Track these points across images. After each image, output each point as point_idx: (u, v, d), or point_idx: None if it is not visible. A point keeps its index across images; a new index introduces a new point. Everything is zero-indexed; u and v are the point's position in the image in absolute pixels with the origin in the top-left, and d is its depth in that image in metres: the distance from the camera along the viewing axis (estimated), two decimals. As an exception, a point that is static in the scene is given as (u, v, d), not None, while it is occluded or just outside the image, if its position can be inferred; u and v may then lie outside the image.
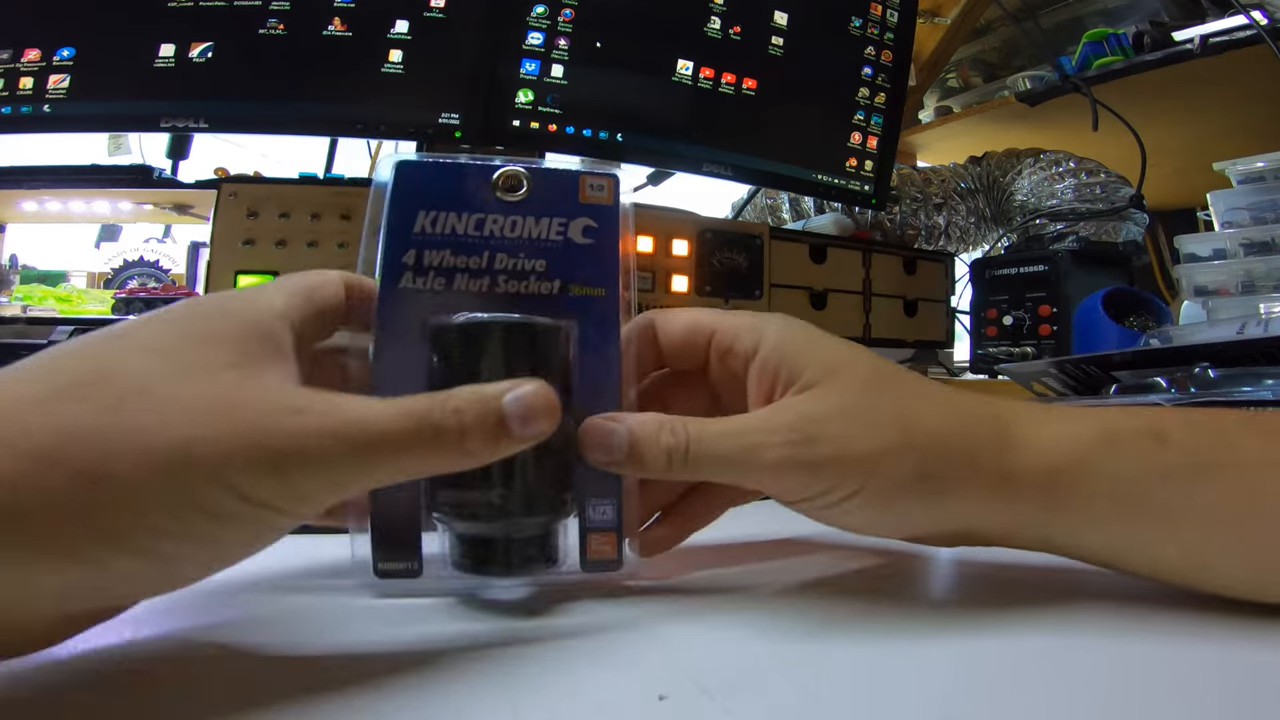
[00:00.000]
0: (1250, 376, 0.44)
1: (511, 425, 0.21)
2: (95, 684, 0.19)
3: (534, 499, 0.25)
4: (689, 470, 0.24)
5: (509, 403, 0.21)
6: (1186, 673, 0.21)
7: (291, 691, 0.19)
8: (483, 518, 0.24)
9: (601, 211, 0.26)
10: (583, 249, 0.25)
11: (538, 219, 0.25)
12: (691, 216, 0.77)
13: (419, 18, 0.68)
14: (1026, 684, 0.20)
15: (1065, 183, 0.93)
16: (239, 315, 0.21)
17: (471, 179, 0.25)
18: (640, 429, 0.25)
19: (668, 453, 0.24)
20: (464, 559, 0.25)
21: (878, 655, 0.22)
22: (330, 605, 0.25)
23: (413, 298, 0.24)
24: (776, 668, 0.21)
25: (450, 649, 0.22)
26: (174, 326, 0.20)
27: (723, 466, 0.25)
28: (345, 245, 0.65)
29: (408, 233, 0.24)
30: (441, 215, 0.24)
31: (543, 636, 0.23)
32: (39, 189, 0.69)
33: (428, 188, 0.25)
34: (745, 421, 0.25)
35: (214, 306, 0.21)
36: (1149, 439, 0.25)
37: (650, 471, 0.25)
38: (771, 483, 0.25)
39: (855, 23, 0.87)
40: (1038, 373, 0.57)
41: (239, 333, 0.20)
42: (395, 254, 0.24)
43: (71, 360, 0.18)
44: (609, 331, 0.26)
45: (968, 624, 0.25)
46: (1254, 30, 0.82)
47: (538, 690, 0.19)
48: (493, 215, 0.25)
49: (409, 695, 0.19)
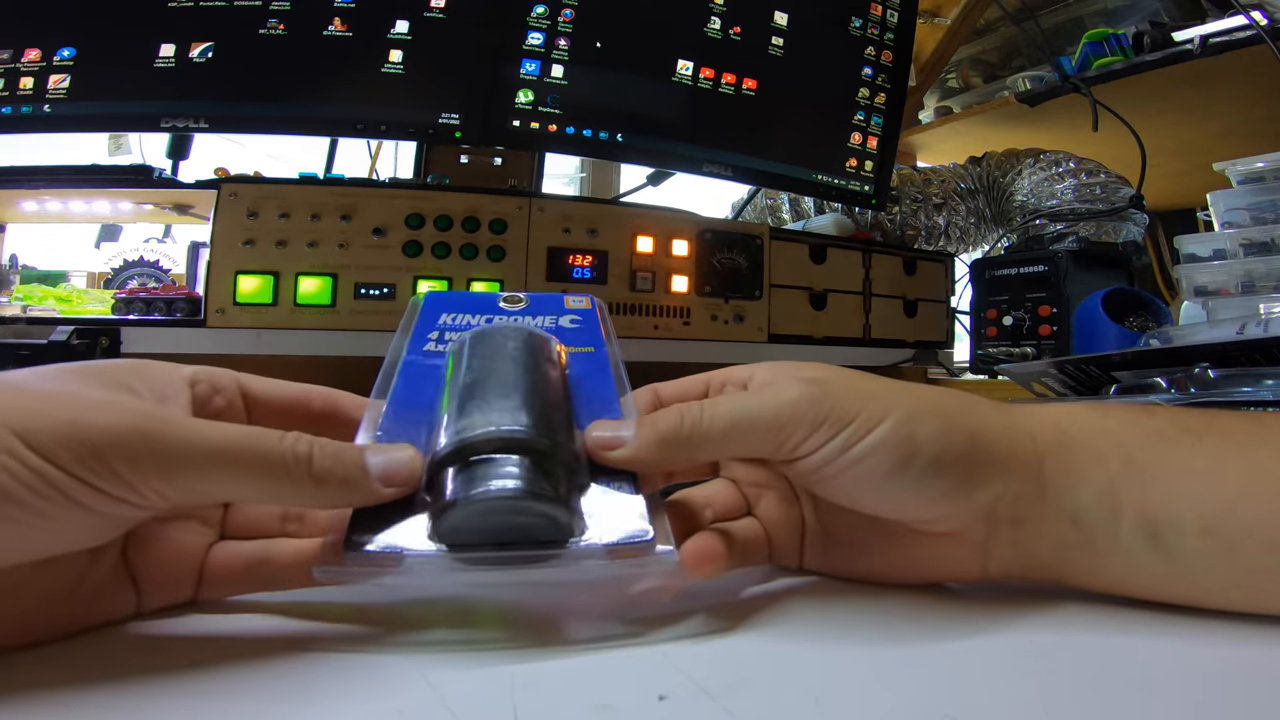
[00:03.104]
0: (1250, 377, 0.44)
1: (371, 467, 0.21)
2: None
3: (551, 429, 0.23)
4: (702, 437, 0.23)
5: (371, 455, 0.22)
6: (1187, 671, 0.21)
7: (278, 683, 0.19)
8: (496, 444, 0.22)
9: (583, 312, 0.33)
10: (571, 329, 0.32)
11: (534, 317, 0.32)
12: (691, 216, 0.77)
13: (419, 18, 0.68)
14: (1027, 684, 0.20)
15: (1065, 183, 0.93)
16: (134, 364, 0.23)
17: (482, 299, 0.33)
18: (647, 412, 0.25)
19: (680, 416, 0.23)
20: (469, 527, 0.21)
21: (878, 655, 0.22)
22: (317, 604, 0.25)
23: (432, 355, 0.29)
24: (776, 668, 0.21)
25: (450, 649, 0.22)
26: (68, 365, 0.22)
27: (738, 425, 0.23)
28: (345, 245, 0.65)
29: (433, 323, 0.31)
30: (460, 316, 0.32)
31: (543, 637, 0.23)
32: (39, 189, 0.69)
33: (450, 302, 0.32)
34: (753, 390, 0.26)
35: (117, 361, 0.23)
36: (1136, 410, 0.26)
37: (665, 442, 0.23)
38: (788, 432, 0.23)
39: (855, 23, 0.87)
40: (1038, 373, 0.57)
41: (123, 369, 0.22)
42: (422, 334, 0.30)
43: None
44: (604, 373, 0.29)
45: (968, 624, 0.25)
46: (1254, 30, 0.82)
47: (538, 691, 0.19)
48: (499, 316, 0.32)
49: (408, 694, 0.19)
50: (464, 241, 0.68)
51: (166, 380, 0.23)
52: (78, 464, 0.18)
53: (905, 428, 0.23)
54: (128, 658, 0.21)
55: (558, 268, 0.71)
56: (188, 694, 0.19)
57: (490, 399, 0.23)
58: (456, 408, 0.24)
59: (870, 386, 0.25)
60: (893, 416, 0.23)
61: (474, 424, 0.22)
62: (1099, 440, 0.25)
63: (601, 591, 0.27)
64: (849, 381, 0.25)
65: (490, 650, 0.22)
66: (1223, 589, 0.24)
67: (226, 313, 0.63)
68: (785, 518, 0.28)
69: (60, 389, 0.20)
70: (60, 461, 0.17)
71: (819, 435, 0.23)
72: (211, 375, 0.25)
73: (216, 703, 0.18)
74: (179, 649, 0.22)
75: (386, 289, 0.66)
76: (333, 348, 0.65)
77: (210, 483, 0.20)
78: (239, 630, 0.23)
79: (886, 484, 0.24)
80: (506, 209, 0.70)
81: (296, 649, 0.22)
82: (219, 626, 0.24)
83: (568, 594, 0.27)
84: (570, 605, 0.26)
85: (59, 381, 0.21)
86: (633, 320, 0.73)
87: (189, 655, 0.21)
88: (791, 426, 0.23)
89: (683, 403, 0.24)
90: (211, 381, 0.25)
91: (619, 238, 0.73)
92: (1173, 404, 0.44)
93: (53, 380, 0.21)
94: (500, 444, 0.22)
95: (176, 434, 0.19)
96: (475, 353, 0.27)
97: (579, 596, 0.27)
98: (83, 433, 0.18)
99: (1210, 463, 0.24)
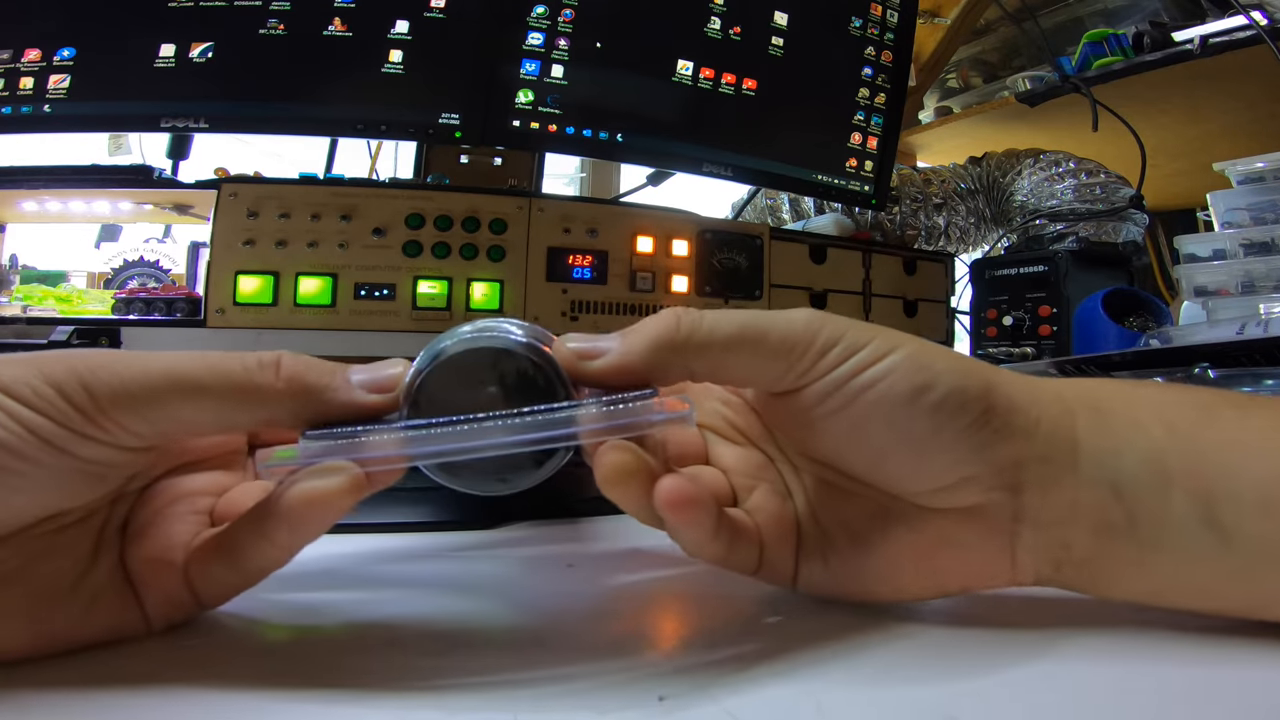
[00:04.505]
0: (1250, 377, 0.44)
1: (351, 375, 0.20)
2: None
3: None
4: (701, 342, 0.21)
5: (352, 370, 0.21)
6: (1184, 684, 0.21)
7: (271, 679, 0.19)
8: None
9: None
10: None
11: None
12: (691, 216, 0.77)
13: (419, 18, 0.68)
14: (1027, 684, 0.20)
15: (1065, 183, 0.93)
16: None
17: None
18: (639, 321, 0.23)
19: (676, 318, 0.22)
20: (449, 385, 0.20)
21: (878, 655, 0.22)
22: (316, 616, 0.25)
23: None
24: (778, 669, 0.21)
25: (448, 650, 0.22)
26: None
27: (745, 335, 0.22)
28: (345, 245, 0.65)
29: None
30: None
31: (543, 637, 0.23)
32: (39, 189, 0.69)
33: None
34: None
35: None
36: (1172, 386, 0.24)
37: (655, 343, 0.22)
38: (794, 348, 0.22)
39: (855, 23, 0.87)
40: (1037, 373, 0.57)
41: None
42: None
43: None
44: None
45: (969, 624, 0.25)
46: (1254, 30, 0.82)
47: (537, 691, 0.19)
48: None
49: (407, 695, 0.19)
50: (464, 241, 0.68)
51: None
52: (37, 397, 0.18)
53: (921, 357, 0.22)
54: (128, 666, 0.21)
55: (558, 268, 0.71)
56: (185, 701, 0.19)
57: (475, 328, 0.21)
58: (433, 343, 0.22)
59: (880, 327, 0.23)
60: (907, 347, 0.22)
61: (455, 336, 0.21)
62: (1137, 407, 0.23)
63: (602, 590, 0.27)
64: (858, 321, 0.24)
65: (490, 651, 0.22)
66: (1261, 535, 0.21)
67: (226, 313, 0.63)
68: (779, 513, 0.26)
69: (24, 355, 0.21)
70: (22, 396, 0.18)
71: (831, 357, 0.22)
72: None
73: (215, 710, 0.18)
74: (181, 656, 0.22)
75: (386, 289, 0.66)
76: (333, 348, 0.65)
77: (173, 406, 0.19)
78: (239, 637, 0.23)
79: (899, 415, 0.21)
80: (506, 209, 0.70)
81: (297, 656, 0.22)
82: (219, 633, 0.24)
83: (567, 595, 0.27)
84: (571, 605, 0.26)
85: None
86: (633, 320, 0.73)
87: (188, 661, 0.21)
88: (805, 344, 0.22)
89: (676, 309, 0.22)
90: None
91: (619, 238, 0.73)
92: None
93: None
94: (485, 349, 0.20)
95: (132, 360, 0.19)
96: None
97: (580, 596, 0.27)
98: (39, 368, 0.19)
99: (1261, 437, 0.22)
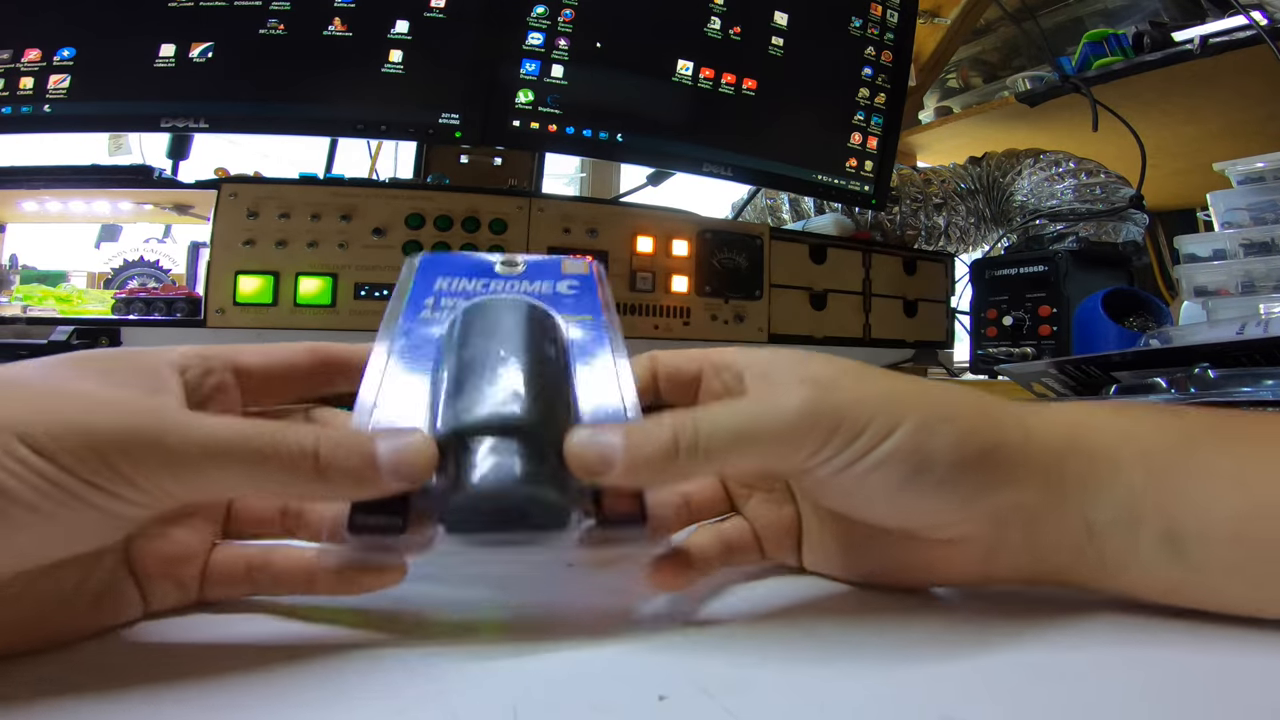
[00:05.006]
0: (1250, 377, 0.44)
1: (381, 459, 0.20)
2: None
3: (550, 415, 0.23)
4: (699, 453, 0.21)
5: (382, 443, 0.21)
6: (1189, 680, 0.21)
7: (269, 675, 0.19)
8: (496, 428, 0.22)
9: (581, 277, 0.32)
10: (569, 296, 0.31)
11: (531, 281, 0.31)
12: (691, 216, 0.77)
13: (419, 18, 0.68)
14: (1028, 684, 0.20)
15: (1065, 183, 0.93)
16: (124, 354, 0.23)
17: (479, 264, 0.32)
18: (634, 423, 0.22)
19: (674, 435, 0.21)
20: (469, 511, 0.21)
21: (879, 655, 0.22)
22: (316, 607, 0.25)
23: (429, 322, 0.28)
24: (777, 669, 0.21)
25: (450, 649, 0.22)
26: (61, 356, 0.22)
27: (737, 440, 0.22)
28: (345, 245, 0.65)
29: (429, 288, 0.30)
30: (456, 280, 0.31)
31: (542, 635, 0.23)
32: (39, 189, 0.69)
33: (446, 265, 0.31)
34: (751, 396, 0.24)
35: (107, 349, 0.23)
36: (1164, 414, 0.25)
37: (656, 465, 0.21)
38: (793, 445, 0.22)
39: (855, 23, 0.87)
40: (1038, 373, 0.57)
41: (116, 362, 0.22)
42: (418, 300, 0.29)
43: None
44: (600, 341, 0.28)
45: (970, 626, 0.25)
46: (1254, 30, 0.82)
47: (537, 691, 0.19)
48: (496, 280, 0.31)
49: (406, 692, 0.19)
50: (464, 241, 0.68)
51: (158, 369, 0.23)
52: (80, 464, 0.18)
53: (919, 435, 0.22)
54: (127, 663, 0.21)
55: (558, 268, 0.71)
56: (183, 701, 0.19)
57: (488, 379, 0.23)
58: (454, 386, 0.23)
59: (879, 386, 0.24)
60: (906, 423, 0.22)
61: (471, 406, 0.22)
62: (1121, 446, 0.24)
63: (602, 590, 0.27)
64: (856, 381, 0.24)
65: (490, 650, 0.22)
66: (1248, 596, 0.23)
67: (226, 313, 0.63)
68: (778, 518, 0.27)
69: (59, 385, 0.20)
70: (63, 462, 0.17)
71: (830, 447, 0.22)
72: (203, 358, 0.25)
73: (214, 708, 0.18)
74: (177, 654, 0.22)
75: (387, 289, 0.66)
76: (333, 348, 0.65)
77: (213, 478, 0.19)
78: (238, 634, 0.23)
79: (898, 494, 0.22)
80: (506, 209, 0.70)
81: (295, 652, 0.22)
82: (218, 630, 0.24)
83: (567, 594, 0.27)
84: (571, 604, 0.26)
85: (55, 375, 0.21)
86: (633, 320, 0.73)
87: (187, 661, 0.21)
88: (801, 438, 0.22)
89: (675, 412, 0.22)
90: (203, 365, 0.24)
91: (619, 238, 0.73)
92: (1189, 403, 0.44)
93: (49, 374, 0.21)
94: (498, 428, 0.22)
95: (178, 431, 0.19)
96: (473, 327, 0.26)
97: (580, 596, 0.27)
98: (84, 433, 0.18)
99: (1240, 465, 0.23)
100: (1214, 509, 0.22)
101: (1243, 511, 0.22)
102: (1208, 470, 0.23)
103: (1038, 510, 0.23)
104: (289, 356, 0.26)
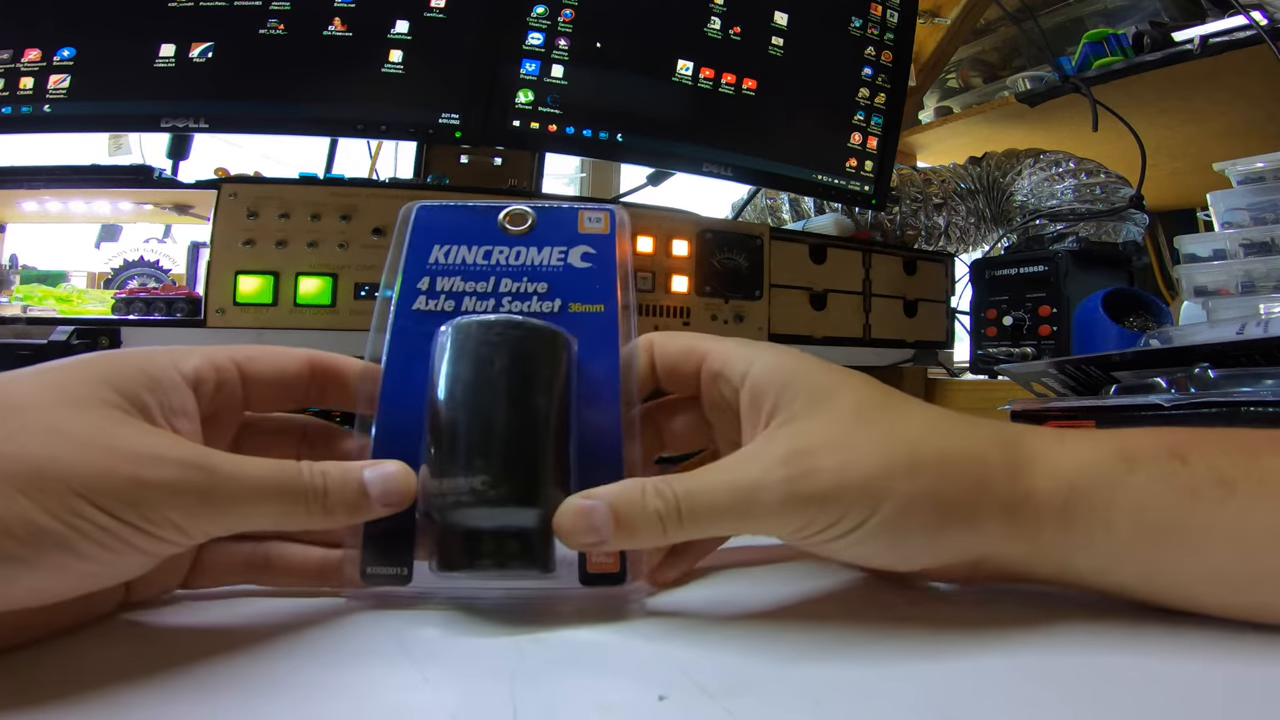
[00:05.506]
0: (1250, 377, 0.44)
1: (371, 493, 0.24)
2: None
3: (527, 489, 0.24)
4: (685, 530, 0.23)
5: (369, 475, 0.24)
6: (1186, 686, 0.21)
7: (270, 678, 0.19)
8: (472, 504, 0.24)
9: (599, 240, 0.29)
10: (581, 272, 0.29)
11: (540, 248, 0.29)
12: (691, 216, 0.77)
13: (419, 18, 0.68)
14: (1027, 682, 0.20)
15: (1065, 183, 0.93)
16: (139, 366, 0.23)
17: (481, 217, 0.29)
18: (621, 498, 0.23)
19: (659, 517, 0.23)
20: (454, 555, 0.24)
21: (878, 654, 0.22)
22: (317, 609, 0.25)
23: (424, 318, 0.27)
24: (777, 669, 0.21)
25: (448, 650, 0.22)
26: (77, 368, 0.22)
27: (721, 519, 0.23)
28: (345, 246, 0.65)
29: (423, 263, 0.28)
30: (454, 248, 0.28)
31: (542, 634, 0.23)
32: (39, 189, 0.69)
33: (442, 225, 0.29)
34: (735, 466, 0.24)
35: (121, 356, 0.24)
36: (1169, 459, 0.24)
37: (644, 540, 0.23)
38: (776, 525, 0.24)
39: (855, 23, 0.87)
40: (1038, 373, 0.57)
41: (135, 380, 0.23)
42: (411, 281, 0.28)
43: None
44: (608, 345, 0.28)
45: (969, 626, 0.25)
46: (1254, 30, 0.82)
47: (537, 691, 0.19)
48: (499, 247, 0.29)
49: (406, 695, 0.19)
50: (464, 241, 0.68)
51: (174, 388, 0.24)
52: (141, 519, 0.20)
53: (898, 519, 0.23)
54: (123, 655, 0.21)
55: (558, 268, 0.71)
56: (179, 691, 0.19)
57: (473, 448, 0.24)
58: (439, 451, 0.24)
59: (863, 461, 0.23)
60: (884, 507, 0.23)
61: (457, 486, 0.24)
62: (1115, 501, 0.24)
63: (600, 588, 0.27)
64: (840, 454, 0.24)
65: (490, 650, 0.22)
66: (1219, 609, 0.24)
67: (226, 313, 0.63)
68: None
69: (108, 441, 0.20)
70: (126, 518, 0.20)
71: (812, 527, 0.23)
72: (216, 368, 0.25)
73: (208, 699, 0.18)
74: (172, 643, 0.22)
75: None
76: (333, 348, 0.64)
77: (247, 520, 0.22)
78: (231, 624, 0.23)
79: (877, 557, 0.25)
80: (506, 209, 0.70)
81: (290, 645, 0.22)
82: (210, 618, 0.24)
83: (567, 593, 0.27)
84: (570, 607, 0.26)
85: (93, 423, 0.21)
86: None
87: (183, 650, 0.21)
88: (783, 521, 0.23)
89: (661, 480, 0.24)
90: (215, 376, 0.25)
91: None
92: (1173, 404, 0.44)
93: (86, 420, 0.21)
94: (484, 512, 0.24)
95: (225, 487, 0.21)
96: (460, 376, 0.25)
97: (579, 597, 0.27)
98: (143, 492, 0.20)
99: (1239, 516, 0.23)
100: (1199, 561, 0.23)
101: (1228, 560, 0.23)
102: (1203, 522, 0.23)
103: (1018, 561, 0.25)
104: (291, 366, 0.27)
